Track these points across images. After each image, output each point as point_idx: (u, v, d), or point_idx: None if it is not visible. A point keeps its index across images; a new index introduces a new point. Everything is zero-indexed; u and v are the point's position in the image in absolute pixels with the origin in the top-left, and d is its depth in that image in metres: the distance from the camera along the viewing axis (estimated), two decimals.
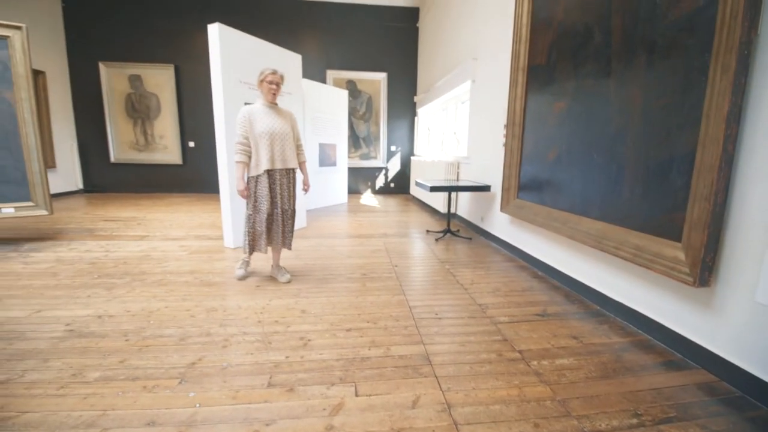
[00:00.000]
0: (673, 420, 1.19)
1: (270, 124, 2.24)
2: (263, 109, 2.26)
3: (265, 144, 2.22)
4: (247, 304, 2.04)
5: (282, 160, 2.31)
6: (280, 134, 2.28)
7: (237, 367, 1.45)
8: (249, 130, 2.23)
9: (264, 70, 2.23)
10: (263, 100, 2.29)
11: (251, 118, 2.22)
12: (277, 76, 2.25)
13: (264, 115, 2.24)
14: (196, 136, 6.63)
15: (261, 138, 2.21)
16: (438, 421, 1.18)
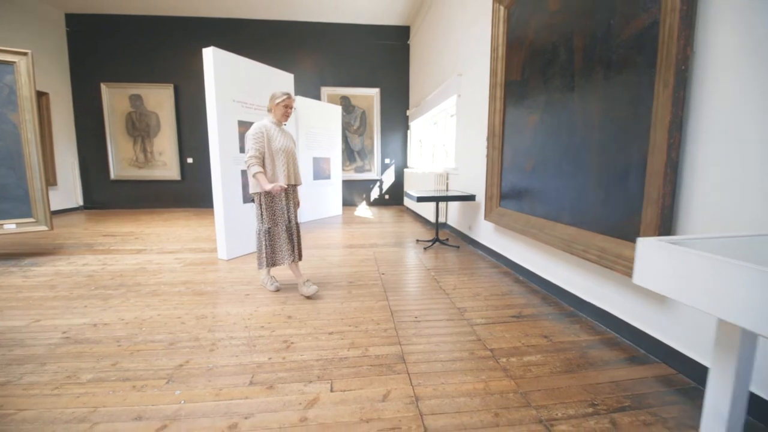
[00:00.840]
0: (627, 409, 1.28)
1: (284, 142, 2.36)
2: (275, 128, 2.36)
3: (282, 160, 2.34)
4: (235, 311, 2.14)
5: (295, 176, 2.45)
6: (292, 153, 2.42)
7: (222, 368, 1.54)
8: (266, 146, 2.30)
9: (279, 95, 2.33)
10: (273, 119, 2.38)
11: (268, 135, 2.30)
12: (291, 100, 2.39)
13: (278, 134, 2.35)
14: (195, 152, 6.81)
15: (278, 154, 2.32)
16: (405, 412, 1.26)
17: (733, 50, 1.28)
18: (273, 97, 2.35)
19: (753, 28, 1.22)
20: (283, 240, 2.38)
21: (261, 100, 3.58)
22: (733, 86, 1.28)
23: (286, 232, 2.39)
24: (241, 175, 3.40)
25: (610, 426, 1.19)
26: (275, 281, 2.53)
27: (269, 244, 2.39)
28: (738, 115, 1.26)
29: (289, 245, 2.39)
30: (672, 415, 1.24)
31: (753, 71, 1.22)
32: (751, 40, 1.22)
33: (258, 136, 2.28)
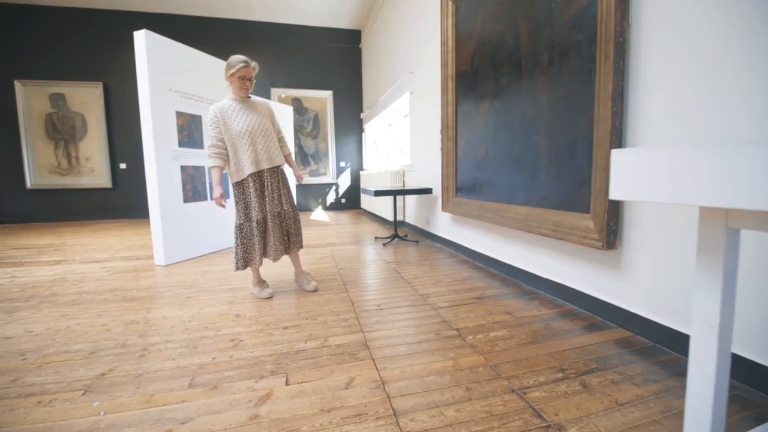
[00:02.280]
0: (594, 371, 1.26)
1: (247, 121, 2.01)
2: (236, 106, 2.02)
3: (246, 144, 2.00)
4: (173, 315, 1.88)
5: (268, 158, 2.07)
6: (261, 130, 2.05)
7: (154, 374, 1.32)
8: (223, 131, 1.99)
9: (234, 63, 1.94)
10: (233, 95, 2.04)
11: (224, 118, 1.98)
12: (249, 69, 1.98)
13: (238, 113, 2.01)
14: (129, 157, 6.20)
15: (240, 138, 1.99)
16: (371, 397, 1.14)
17: (662, 21, 1.36)
18: (228, 66, 1.97)
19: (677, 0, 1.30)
20: (255, 237, 2.05)
21: (204, 91, 3.32)
22: (665, 54, 1.36)
23: (258, 228, 2.05)
24: (181, 171, 3.10)
25: (581, 388, 1.17)
26: (266, 287, 2.14)
27: (241, 242, 2.06)
28: (670, 78, 1.34)
29: (260, 243, 2.06)
30: (636, 372, 1.25)
31: (680, 40, 1.30)
32: (675, 11, 1.31)
33: (212, 121, 1.99)
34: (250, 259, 2.08)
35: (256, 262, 2.08)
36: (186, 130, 3.15)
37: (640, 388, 1.16)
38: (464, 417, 1.03)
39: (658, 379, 1.21)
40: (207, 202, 3.38)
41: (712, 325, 0.54)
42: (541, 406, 1.08)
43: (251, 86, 2.05)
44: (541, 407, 1.07)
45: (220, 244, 3.55)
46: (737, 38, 1.14)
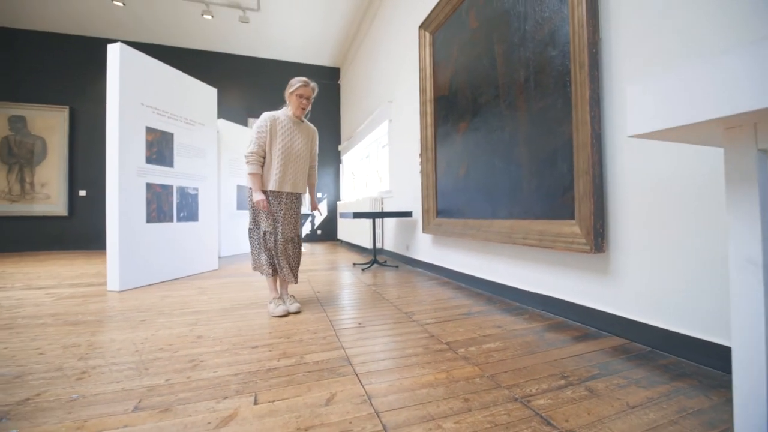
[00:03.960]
0: (597, 377, 1.17)
1: (291, 143, 2.02)
2: (287, 123, 2.03)
3: (278, 163, 1.98)
4: (123, 337, 1.64)
5: (293, 184, 2.05)
6: (298, 156, 2.06)
7: (91, 398, 1.09)
8: (268, 141, 1.97)
9: (293, 82, 2.01)
10: (289, 112, 2.05)
11: (272, 129, 1.98)
12: (308, 89, 2.02)
13: (287, 131, 2.02)
14: (90, 185, 5.84)
15: (277, 156, 1.98)
16: (356, 412, 0.98)
17: (632, 33, 1.45)
18: (288, 85, 2.03)
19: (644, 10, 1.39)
20: (260, 246, 2.04)
21: (177, 109, 3.22)
22: (633, 62, 1.43)
23: (264, 244, 2.02)
24: (147, 189, 2.90)
25: (588, 393, 1.06)
26: (281, 303, 2.00)
27: (252, 246, 2.10)
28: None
29: (267, 258, 2.04)
30: (640, 375, 1.16)
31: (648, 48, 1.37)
32: (642, 22, 1.40)
33: (260, 128, 1.97)
34: (259, 267, 2.07)
35: (264, 271, 2.06)
36: (156, 146, 3.00)
37: (648, 390, 1.07)
38: (465, 428, 0.89)
39: (665, 381, 1.12)
40: (173, 223, 3.16)
41: (755, 261, 0.48)
42: (548, 413, 0.96)
43: (308, 105, 2.07)
44: (549, 414, 0.95)
45: (186, 270, 3.28)
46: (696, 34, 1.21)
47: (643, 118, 0.53)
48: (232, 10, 5.25)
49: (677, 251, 1.30)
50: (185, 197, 3.30)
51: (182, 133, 3.29)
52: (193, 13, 5.33)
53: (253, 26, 5.72)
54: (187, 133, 3.34)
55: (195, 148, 3.44)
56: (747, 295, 0.49)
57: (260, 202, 1.95)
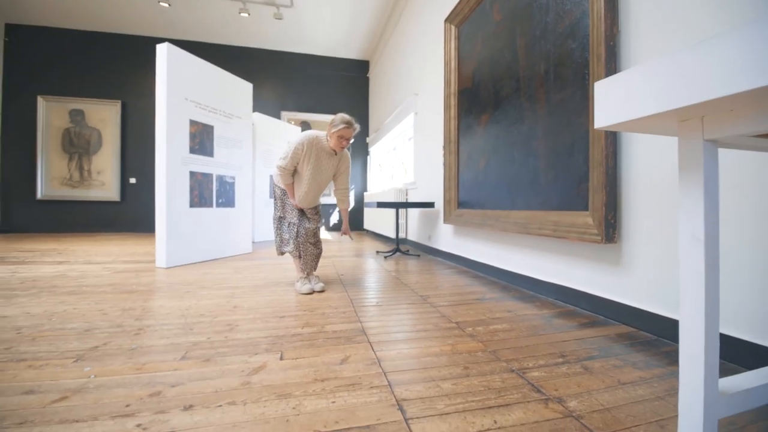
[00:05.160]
0: (596, 357, 1.23)
1: (318, 168, 2.12)
2: (321, 151, 2.11)
3: (305, 183, 2.13)
4: (171, 304, 1.87)
5: (312, 200, 2.23)
6: (320, 181, 2.18)
7: (147, 348, 1.30)
8: (302, 160, 2.09)
9: (337, 122, 2.03)
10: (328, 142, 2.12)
11: (308, 152, 2.07)
12: (350, 131, 2.05)
13: (320, 158, 2.11)
14: (139, 173, 6.37)
15: (302, 176, 2.12)
16: (366, 371, 1.12)
17: (650, 26, 1.45)
18: (331, 123, 2.06)
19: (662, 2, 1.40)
20: (287, 233, 2.24)
21: (216, 103, 3.48)
22: (651, 55, 1.44)
23: (290, 229, 2.22)
24: (190, 176, 3.18)
25: (582, 370, 1.14)
26: (307, 282, 2.18)
27: (278, 232, 2.28)
28: None
29: (295, 239, 2.20)
30: (639, 359, 1.22)
31: (665, 41, 1.38)
32: (661, 15, 1.40)
33: (298, 149, 2.06)
34: (285, 246, 2.24)
35: (292, 252, 2.20)
36: (198, 137, 3.27)
37: (643, 371, 1.13)
38: (461, 390, 1.01)
39: (662, 365, 1.17)
40: (212, 209, 3.44)
41: (698, 237, 0.55)
42: (540, 383, 1.05)
43: (347, 145, 2.16)
44: (540, 384, 1.04)
45: (223, 252, 3.56)
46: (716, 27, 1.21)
47: (606, 111, 0.62)
48: (267, 7, 5.49)
49: None
50: (223, 185, 3.58)
51: (221, 126, 3.55)
52: (231, 11, 5.62)
53: (287, 22, 5.94)
54: (225, 125, 3.60)
55: (232, 140, 3.70)
56: (692, 267, 0.57)
57: (297, 204, 2.19)
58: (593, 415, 0.89)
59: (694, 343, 0.55)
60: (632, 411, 0.90)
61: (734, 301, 1.17)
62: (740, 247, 1.15)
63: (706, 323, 0.53)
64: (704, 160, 0.55)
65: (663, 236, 1.40)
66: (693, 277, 0.56)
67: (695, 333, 0.55)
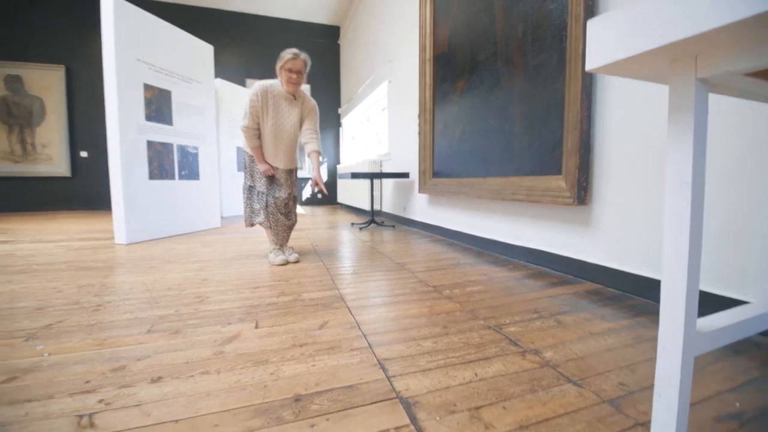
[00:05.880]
0: (567, 312, 1.28)
1: (280, 120, 1.98)
2: (278, 99, 1.96)
3: (269, 142, 2.00)
4: (133, 279, 1.76)
5: (285, 162, 2.08)
6: (286, 135, 2.03)
7: (109, 323, 1.21)
8: (261, 115, 1.95)
9: (283, 55, 1.90)
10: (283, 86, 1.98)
11: (265, 102, 1.93)
12: (298, 61, 1.89)
13: (276, 108, 1.96)
14: (91, 146, 5.86)
15: (267, 133, 1.98)
16: (346, 334, 1.10)
17: None
18: (279, 58, 1.93)
19: None
20: (257, 203, 2.09)
21: (173, 66, 3.19)
22: None
23: (259, 198, 2.07)
24: (148, 146, 2.95)
25: (555, 323, 1.17)
26: (281, 253, 2.09)
27: (248, 202, 2.12)
28: None
29: (265, 209, 2.07)
30: (607, 312, 1.28)
31: None
32: None
33: (253, 101, 1.91)
34: (255, 218, 2.11)
35: (262, 222, 2.08)
36: (154, 104, 3.01)
37: (611, 323, 1.18)
38: (441, 347, 1.01)
39: (629, 317, 1.23)
40: (175, 181, 3.23)
41: (686, 180, 0.55)
42: (517, 337, 1.07)
43: (300, 80, 1.98)
44: (517, 338, 1.07)
45: (189, 227, 3.39)
46: None
47: (599, 51, 0.58)
48: None
49: (651, 203, 1.37)
50: (186, 156, 3.35)
51: (180, 91, 3.28)
52: None
53: None
54: (184, 91, 3.33)
55: (193, 107, 3.44)
56: (678, 210, 0.56)
57: (266, 171, 2.02)
58: (568, 363, 0.92)
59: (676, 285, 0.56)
60: (604, 358, 0.94)
61: None
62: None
63: (689, 265, 0.54)
64: (695, 102, 0.53)
65: (632, 197, 1.45)
66: (678, 220, 0.56)
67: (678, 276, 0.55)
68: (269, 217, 2.08)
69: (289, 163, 2.12)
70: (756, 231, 1.07)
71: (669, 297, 0.56)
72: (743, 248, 1.10)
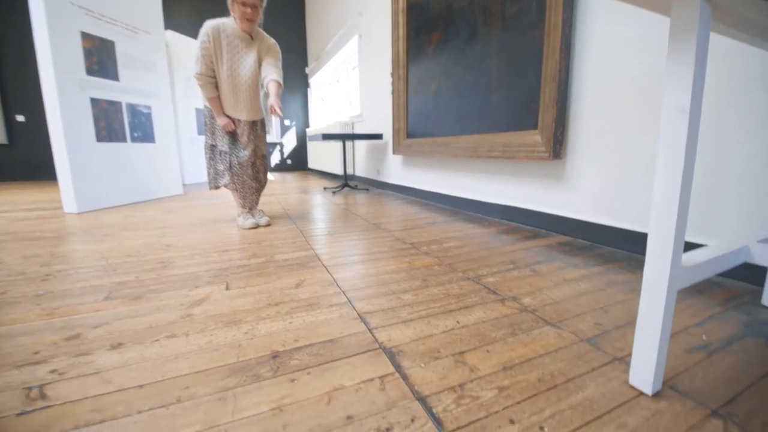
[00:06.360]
0: (542, 263, 1.30)
1: (236, 63, 1.77)
2: (232, 39, 1.75)
3: (227, 89, 1.79)
4: (87, 248, 1.62)
5: (248, 112, 1.88)
6: (245, 80, 1.82)
7: (60, 293, 1.10)
8: (214, 58, 1.74)
9: None
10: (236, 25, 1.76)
11: (218, 44, 1.73)
12: None
13: (232, 50, 1.76)
14: (28, 109, 5.23)
15: (223, 79, 1.78)
16: (324, 291, 1.06)
17: None
18: None
19: None
20: (221, 164, 1.92)
21: (115, 12, 2.81)
22: None
23: (223, 159, 1.90)
24: (92, 105, 2.64)
25: (531, 273, 1.19)
26: (250, 216, 1.97)
27: (211, 163, 1.94)
28: None
29: (229, 170, 1.92)
30: (579, 261, 1.31)
31: None
32: None
33: (203, 43, 1.71)
34: (220, 180, 1.94)
35: (228, 185, 1.93)
36: (95, 56, 2.67)
37: (583, 270, 1.21)
38: (422, 299, 1.00)
39: (599, 264, 1.27)
40: (127, 144, 2.95)
41: (683, 108, 0.52)
42: (495, 286, 1.08)
43: (256, 16, 1.74)
44: (495, 287, 1.07)
45: (148, 194, 3.16)
46: None
47: None
48: None
49: (626, 157, 1.38)
50: (137, 116, 3.05)
51: (125, 42, 2.92)
52: None
53: None
54: (130, 41, 2.96)
55: (141, 60, 3.09)
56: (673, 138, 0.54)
57: (227, 125, 1.84)
58: (545, 308, 0.93)
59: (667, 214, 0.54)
60: (579, 302, 0.96)
61: None
62: None
63: (681, 195, 0.52)
64: (699, 22, 0.49)
65: (606, 150, 1.45)
66: (673, 149, 0.54)
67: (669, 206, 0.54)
68: (234, 178, 1.95)
69: (253, 113, 1.92)
70: (723, 177, 1.10)
71: (659, 227, 0.54)
72: (711, 195, 1.14)
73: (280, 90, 1.82)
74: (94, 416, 0.57)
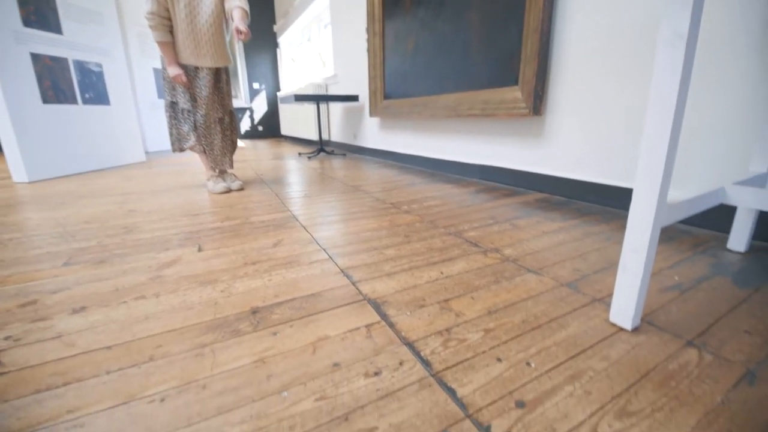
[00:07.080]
0: (520, 217, 1.31)
1: (194, 4, 1.58)
2: None
3: (186, 32, 1.59)
4: (40, 216, 1.49)
5: (213, 57, 1.68)
6: (207, 21, 1.62)
7: (12, 261, 1.01)
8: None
9: None
10: None
11: None
12: None
13: None
14: None
15: (180, 20, 1.58)
16: (303, 249, 1.03)
17: None
18: None
19: None
20: (184, 124, 1.76)
21: None
22: None
23: (183, 114, 1.74)
24: (34, 61, 2.36)
25: (511, 227, 1.20)
26: (221, 180, 1.86)
27: (172, 122, 1.77)
28: None
29: (194, 131, 1.77)
30: (556, 215, 1.33)
31: None
32: None
33: None
34: (184, 142, 1.79)
35: (194, 147, 1.79)
36: (32, 4, 2.34)
37: (560, 223, 1.23)
38: (405, 253, 0.98)
39: (575, 217, 1.30)
40: (78, 106, 2.69)
41: (681, 34, 0.49)
42: (477, 240, 1.08)
43: None
44: (477, 241, 1.07)
45: (106, 162, 2.94)
46: None
47: None
48: None
49: (607, 111, 1.37)
50: (87, 75, 2.76)
51: None
52: None
53: None
54: None
55: (87, 11, 2.75)
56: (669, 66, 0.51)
57: (178, 77, 1.64)
58: (526, 257, 0.94)
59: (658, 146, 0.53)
60: (558, 251, 0.98)
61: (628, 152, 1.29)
62: None
63: (673, 127, 0.50)
64: None
65: (586, 106, 1.44)
66: (667, 77, 0.51)
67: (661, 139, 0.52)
68: (201, 139, 1.81)
69: (218, 59, 1.73)
70: (694, 126, 1.12)
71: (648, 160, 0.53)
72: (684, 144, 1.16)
73: (246, 18, 1.64)
74: (56, 380, 0.53)
